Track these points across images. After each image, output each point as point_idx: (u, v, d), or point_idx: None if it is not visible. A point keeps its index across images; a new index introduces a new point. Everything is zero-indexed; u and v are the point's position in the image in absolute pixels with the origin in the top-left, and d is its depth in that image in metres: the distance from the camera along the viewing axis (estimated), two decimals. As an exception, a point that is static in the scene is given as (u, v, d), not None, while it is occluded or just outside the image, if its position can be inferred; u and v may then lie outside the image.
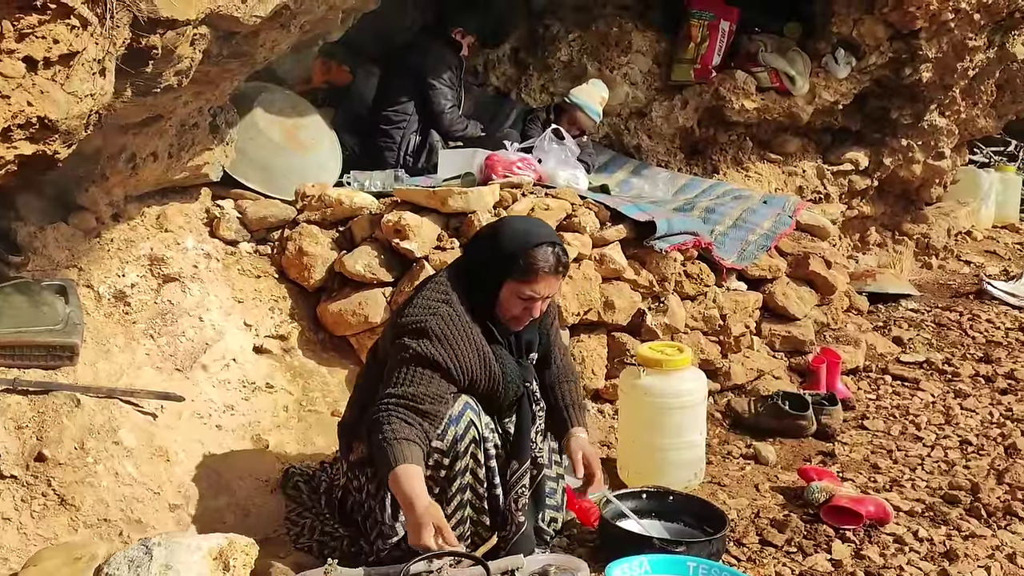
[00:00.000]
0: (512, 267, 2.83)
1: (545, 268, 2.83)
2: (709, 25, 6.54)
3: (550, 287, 2.89)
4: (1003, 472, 3.85)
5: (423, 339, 2.76)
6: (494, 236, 2.94)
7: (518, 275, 2.83)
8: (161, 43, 2.30)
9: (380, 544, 2.90)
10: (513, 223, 3.08)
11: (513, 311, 2.90)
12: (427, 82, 5.29)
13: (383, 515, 2.87)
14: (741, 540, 3.30)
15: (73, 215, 3.69)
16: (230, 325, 3.82)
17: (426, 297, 2.87)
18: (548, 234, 2.94)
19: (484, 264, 2.90)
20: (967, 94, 7.13)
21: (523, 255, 2.82)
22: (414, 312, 2.83)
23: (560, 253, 2.88)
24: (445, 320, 2.80)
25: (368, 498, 2.94)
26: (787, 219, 5.45)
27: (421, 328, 2.77)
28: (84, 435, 3.01)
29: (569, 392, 3.20)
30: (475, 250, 3.00)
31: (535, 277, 2.83)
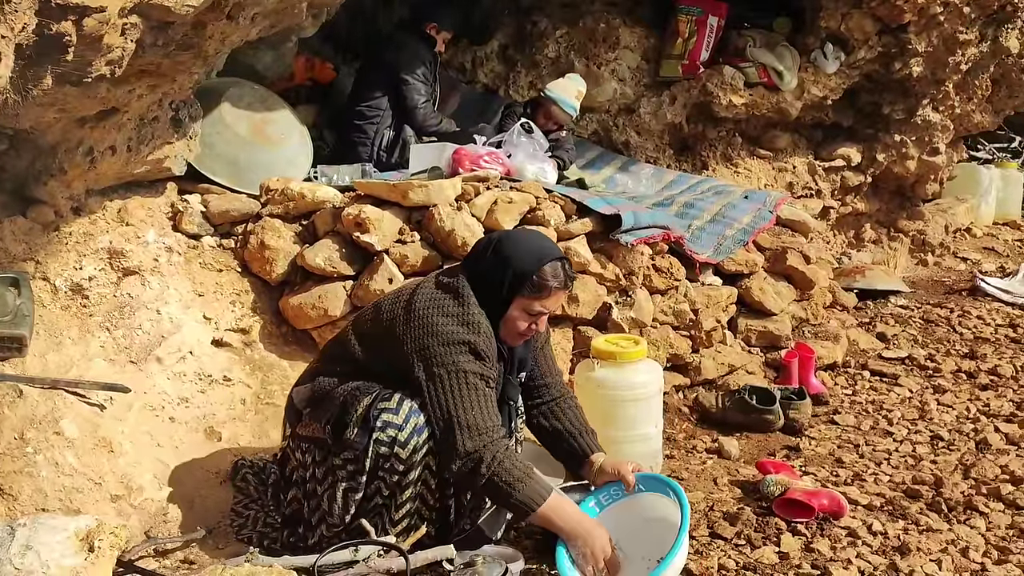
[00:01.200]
0: (524, 283, 2.87)
1: (556, 284, 2.89)
2: (697, 20, 6.53)
3: (558, 302, 2.99)
4: (970, 467, 3.80)
5: (480, 361, 2.79)
6: (503, 253, 2.93)
7: (530, 291, 2.87)
8: (75, 30, 2.31)
9: (324, 530, 2.91)
10: (520, 238, 3.10)
11: (519, 327, 2.93)
12: (401, 77, 5.29)
13: (331, 505, 2.86)
14: (691, 533, 3.26)
15: (31, 209, 3.70)
16: (188, 318, 3.83)
17: (468, 309, 2.84)
18: (555, 249, 3.01)
19: (495, 281, 2.90)
20: (961, 89, 7.05)
21: (536, 272, 2.86)
22: (460, 329, 2.80)
23: (568, 268, 2.96)
24: (487, 337, 2.83)
25: (313, 481, 2.94)
26: (767, 214, 5.41)
27: (476, 350, 2.78)
28: (25, 425, 3.02)
29: (579, 420, 3.22)
30: (482, 266, 2.95)
31: (547, 293, 2.88)
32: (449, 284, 2.92)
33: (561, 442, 3.18)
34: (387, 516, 2.84)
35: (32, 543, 1.95)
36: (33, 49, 2.27)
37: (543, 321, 2.98)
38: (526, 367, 3.13)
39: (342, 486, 2.84)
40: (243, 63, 4.90)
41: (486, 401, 2.76)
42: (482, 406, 2.74)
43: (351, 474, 2.82)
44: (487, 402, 2.76)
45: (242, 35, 3.62)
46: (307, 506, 2.97)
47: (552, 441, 3.22)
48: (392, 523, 2.83)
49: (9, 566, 1.93)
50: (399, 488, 2.82)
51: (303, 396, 3.03)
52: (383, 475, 2.80)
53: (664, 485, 2.96)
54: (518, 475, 2.70)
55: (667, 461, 3.85)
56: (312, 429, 2.94)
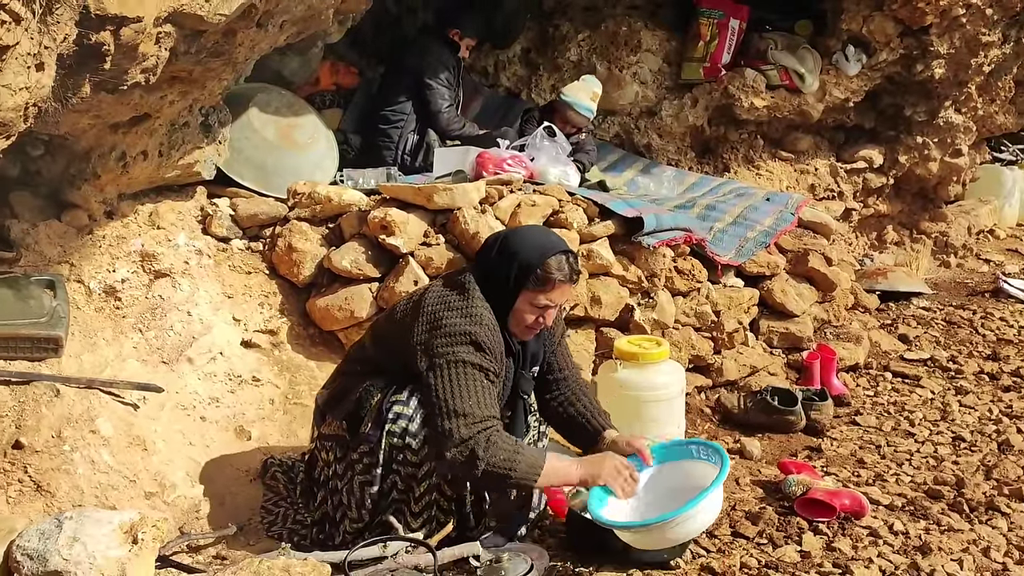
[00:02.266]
0: (528, 276, 2.91)
1: (560, 277, 2.92)
2: (719, 23, 6.55)
3: (564, 295, 3.00)
4: (992, 468, 3.81)
5: (480, 352, 2.83)
6: (509, 248, 2.98)
7: (534, 284, 2.91)
8: (113, 40, 2.38)
9: (347, 526, 2.98)
10: (525, 234, 3.15)
11: (527, 320, 2.97)
12: (424, 82, 5.34)
13: (350, 499, 2.95)
14: (713, 532, 3.30)
15: (66, 212, 3.79)
16: (218, 320, 3.91)
17: (471, 304, 2.90)
18: (560, 243, 3.04)
19: (501, 276, 2.95)
20: (984, 90, 7.03)
21: (541, 265, 2.90)
22: (462, 321, 2.85)
23: (573, 262, 2.99)
24: (490, 330, 2.87)
25: (335, 478, 3.02)
26: (789, 216, 5.44)
27: (477, 341, 2.82)
28: (62, 424, 3.09)
29: (592, 403, 3.28)
30: (490, 262, 3.01)
31: (551, 286, 2.92)
32: (456, 280, 3.00)
33: (575, 426, 3.24)
34: (407, 511, 2.90)
35: (79, 535, 2.03)
36: (73, 59, 2.34)
37: (550, 314, 3.00)
38: (539, 362, 3.17)
39: (358, 479, 2.92)
40: (270, 68, 4.97)
41: (483, 391, 2.79)
42: (479, 396, 2.77)
43: (366, 467, 2.90)
44: (484, 392, 2.79)
45: (271, 42, 3.70)
46: (331, 503, 3.04)
47: (567, 426, 3.28)
48: (413, 516, 2.89)
49: (58, 557, 2.01)
50: (415, 481, 2.88)
51: (325, 397, 3.12)
52: (397, 468, 2.88)
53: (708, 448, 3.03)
54: (510, 455, 2.72)
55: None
56: (333, 427, 3.03)
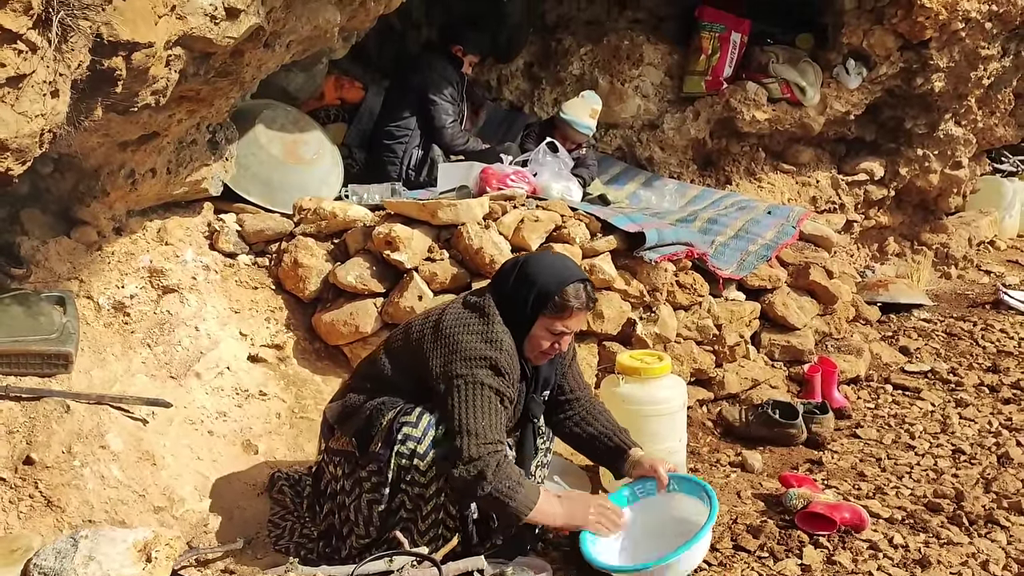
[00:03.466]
0: (547, 304, 2.96)
1: (577, 304, 2.98)
2: (720, 37, 6.61)
3: (580, 322, 3.07)
4: (991, 481, 3.84)
5: (499, 377, 2.88)
6: (528, 275, 3.03)
7: (552, 311, 2.97)
8: (125, 65, 2.43)
9: (353, 541, 3.01)
10: (544, 261, 3.18)
11: (542, 346, 3.02)
12: (428, 98, 5.40)
13: (357, 516, 2.98)
14: (715, 545, 3.33)
15: (75, 229, 3.85)
16: (225, 335, 3.95)
17: (492, 328, 2.95)
18: (578, 271, 3.10)
19: (519, 301, 3.00)
20: (983, 103, 7.09)
21: (559, 293, 2.96)
22: (483, 346, 2.90)
23: (590, 290, 3.05)
24: (509, 355, 2.93)
25: (342, 493, 3.05)
26: (790, 229, 5.48)
27: (496, 365, 2.87)
28: (72, 439, 3.14)
29: (611, 422, 3.33)
30: (506, 288, 3.05)
31: (569, 313, 2.98)
32: (475, 303, 3.03)
33: (598, 444, 3.29)
34: (415, 529, 2.93)
35: (94, 554, 2.07)
36: (86, 84, 2.40)
37: (565, 340, 3.07)
38: (550, 386, 3.23)
39: (366, 497, 2.95)
40: (275, 84, 5.03)
41: (496, 415, 2.85)
42: (491, 418, 2.83)
43: (375, 486, 2.94)
44: (497, 416, 2.85)
45: (277, 61, 3.75)
46: (338, 517, 3.07)
47: (589, 446, 3.32)
48: (420, 535, 2.93)
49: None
50: (423, 500, 2.91)
51: (335, 412, 3.14)
52: (405, 487, 2.91)
53: (698, 487, 3.09)
54: (514, 485, 2.79)
55: (691, 474, 3.92)
56: (342, 443, 3.05)
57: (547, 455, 3.30)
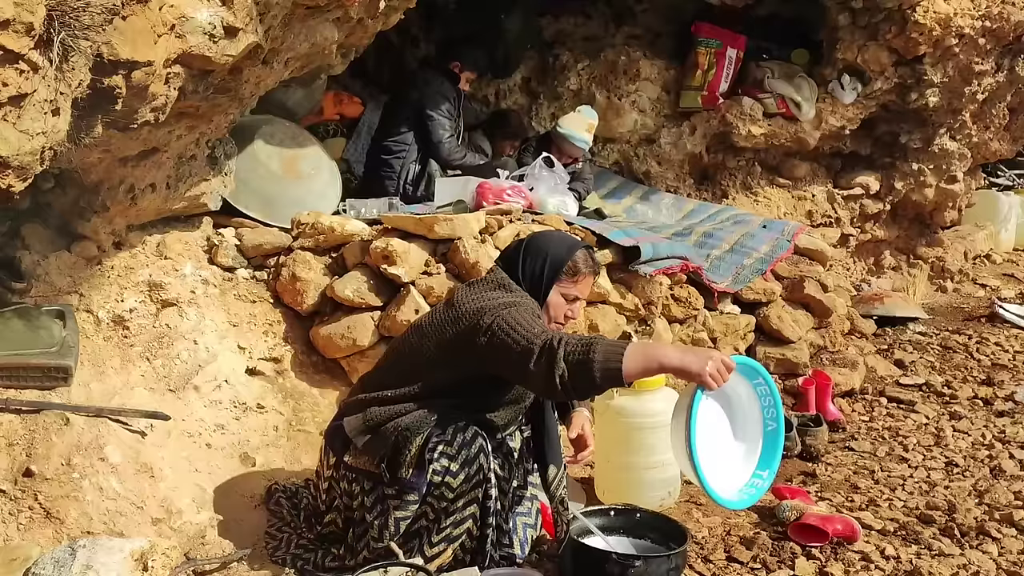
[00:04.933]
0: (561, 270, 3.08)
1: (587, 269, 3.13)
2: (716, 53, 6.69)
3: (589, 287, 3.21)
4: (984, 493, 3.87)
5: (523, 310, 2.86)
6: (537, 247, 3.14)
7: (568, 276, 3.09)
8: (125, 83, 2.48)
9: (367, 553, 2.98)
10: (548, 234, 3.35)
11: (559, 314, 3.12)
12: (426, 113, 5.45)
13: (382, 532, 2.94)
14: (709, 557, 3.37)
15: (76, 244, 3.87)
16: (224, 348, 3.99)
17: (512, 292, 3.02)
18: (577, 240, 3.29)
19: (533, 272, 3.09)
20: (978, 118, 7.14)
21: (570, 257, 3.09)
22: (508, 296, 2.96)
23: (594, 256, 3.22)
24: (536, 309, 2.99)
25: (362, 508, 3.03)
26: (785, 243, 5.53)
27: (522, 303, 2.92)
28: (71, 452, 3.17)
29: None
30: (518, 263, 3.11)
31: (581, 277, 3.11)
32: (489, 280, 3.11)
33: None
34: (427, 537, 2.94)
35: (92, 563, 2.10)
36: (86, 102, 2.44)
37: (577, 308, 3.18)
38: None
39: (394, 514, 2.93)
40: (274, 100, 5.07)
41: (534, 317, 2.84)
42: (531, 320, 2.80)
43: (404, 503, 2.93)
44: (535, 318, 2.84)
45: (276, 78, 3.80)
46: (353, 532, 3.07)
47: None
48: (430, 545, 2.93)
49: (72, 585, 2.09)
50: (445, 515, 2.92)
51: (355, 426, 3.05)
52: (431, 501, 2.92)
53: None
54: (585, 343, 2.61)
55: (685, 487, 3.95)
56: (364, 461, 3.02)
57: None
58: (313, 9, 3.53)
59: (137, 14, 2.52)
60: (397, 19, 4.32)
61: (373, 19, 4.07)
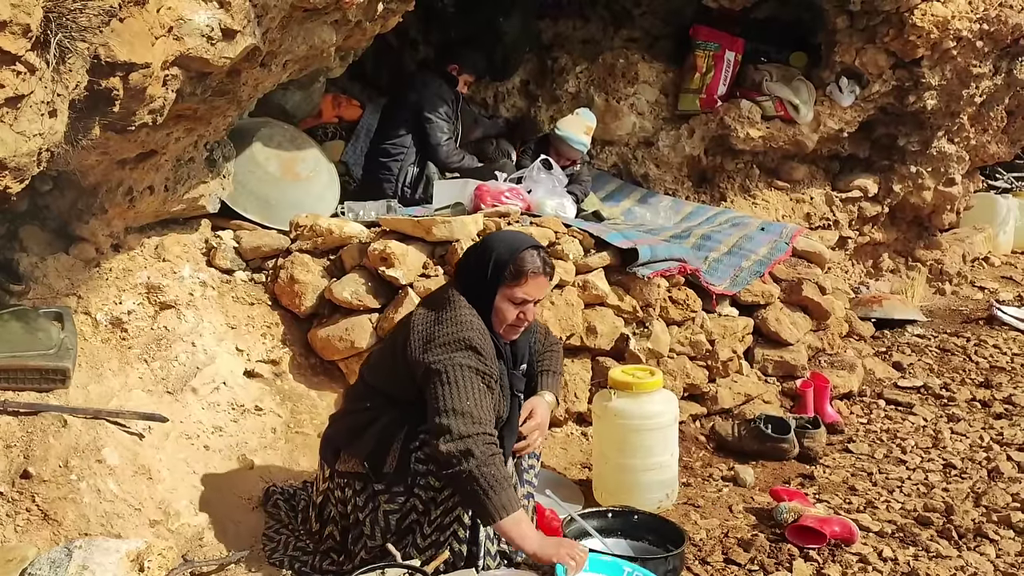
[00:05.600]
0: (504, 273, 2.99)
1: (533, 269, 3.00)
2: (714, 56, 6.68)
3: (539, 289, 3.05)
4: (981, 495, 3.87)
5: (473, 353, 2.86)
6: (483, 250, 3.09)
7: (510, 279, 2.99)
8: (122, 85, 2.48)
9: (364, 553, 3.01)
10: (497, 235, 3.25)
11: (508, 318, 3.03)
12: (424, 115, 5.45)
13: (374, 528, 2.97)
14: (706, 559, 3.38)
15: (74, 246, 3.88)
16: (222, 350, 3.99)
17: (458, 313, 2.96)
18: (531, 239, 3.14)
19: (479, 277, 3.04)
20: (976, 120, 7.14)
21: (512, 260, 3.00)
22: (454, 329, 2.91)
23: (545, 256, 3.08)
24: (481, 333, 2.94)
25: (355, 511, 3.05)
26: (783, 245, 5.52)
27: (469, 344, 2.87)
28: (69, 454, 3.17)
29: (547, 360, 3.37)
30: (468, 267, 3.12)
31: (525, 279, 3.00)
32: (436, 296, 3.11)
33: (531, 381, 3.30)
34: (419, 531, 2.94)
35: (88, 564, 2.10)
36: (84, 103, 2.44)
37: (530, 310, 3.06)
38: (526, 359, 3.24)
39: (384, 508, 2.96)
40: (273, 102, 5.09)
41: (481, 396, 2.82)
42: (477, 399, 2.79)
43: (392, 496, 2.96)
44: (482, 397, 2.82)
45: (274, 80, 3.81)
46: (350, 537, 3.08)
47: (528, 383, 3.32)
48: (423, 536, 2.93)
49: (68, 585, 2.09)
50: (433, 503, 2.93)
51: (340, 434, 3.13)
52: (419, 492, 2.93)
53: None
54: (500, 480, 2.71)
55: (684, 488, 3.96)
56: (351, 464, 3.05)
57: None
58: (311, 11, 3.54)
59: (135, 16, 2.53)
60: (395, 22, 4.32)
61: (371, 21, 4.07)
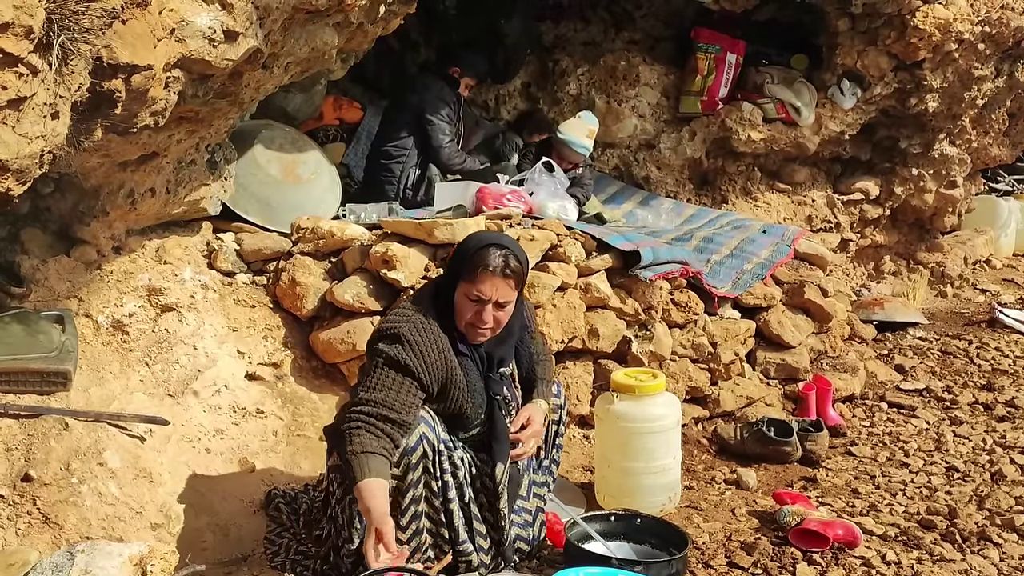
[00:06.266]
0: (462, 268, 2.93)
1: (490, 267, 2.89)
2: (716, 58, 6.68)
3: (496, 289, 2.91)
4: (984, 498, 3.86)
5: (396, 344, 2.86)
6: (460, 246, 3.07)
7: (466, 275, 2.92)
8: (124, 87, 2.47)
9: (346, 551, 2.97)
10: (476, 234, 3.19)
11: (466, 315, 2.95)
12: (425, 118, 5.45)
13: (344, 519, 2.96)
14: (709, 562, 3.36)
15: (75, 248, 3.88)
16: (223, 353, 3.98)
17: (402, 307, 3.00)
18: (502, 239, 3.04)
19: (448, 274, 3.02)
20: (977, 123, 7.13)
21: (472, 255, 2.93)
22: (390, 320, 2.96)
23: (508, 256, 2.93)
24: (416, 327, 2.89)
25: (336, 503, 3.04)
26: (785, 248, 5.52)
27: (394, 333, 2.87)
28: (70, 457, 3.16)
29: (540, 369, 3.33)
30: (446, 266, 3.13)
31: (478, 276, 2.89)
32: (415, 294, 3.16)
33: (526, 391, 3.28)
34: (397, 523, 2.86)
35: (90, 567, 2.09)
36: (86, 105, 2.44)
37: (488, 311, 2.93)
38: (507, 364, 3.18)
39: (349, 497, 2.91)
40: (274, 105, 5.08)
41: (385, 380, 2.84)
42: (377, 384, 2.84)
43: None
44: (385, 381, 2.84)
45: (276, 82, 3.80)
46: (334, 532, 3.06)
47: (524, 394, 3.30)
48: (402, 530, 2.90)
49: (70, 589, 2.08)
50: (400, 494, 2.89)
51: (331, 432, 3.13)
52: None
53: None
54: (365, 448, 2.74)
55: (686, 492, 3.95)
56: (335, 458, 3.05)
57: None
58: (313, 13, 3.53)
59: (137, 18, 2.52)
60: (397, 24, 4.32)
61: (373, 24, 4.07)
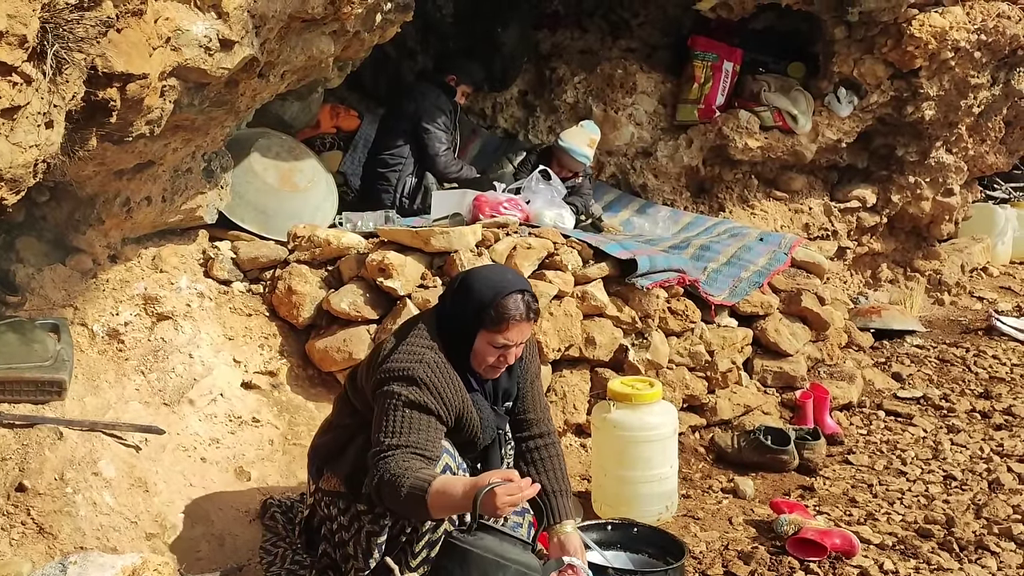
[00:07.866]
0: (484, 318, 2.89)
1: (516, 316, 2.88)
2: (713, 66, 6.69)
3: (522, 334, 2.94)
4: (982, 507, 3.86)
5: (413, 386, 2.80)
6: (466, 289, 2.98)
7: (490, 325, 2.88)
8: (119, 96, 2.47)
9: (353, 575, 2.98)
10: (482, 274, 3.09)
11: (488, 360, 2.94)
12: (422, 126, 5.45)
13: (356, 549, 2.95)
14: (707, 572, 3.36)
15: (71, 257, 3.87)
16: (219, 361, 3.97)
17: (412, 344, 2.92)
18: (516, 281, 3.00)
19: (458, 316, 2.95)
20: (974, 131, 7.14)
21: (494, 306, 2.87)
22: (402, 359, 2.86)
23: (530, 300, 2.93)
24: (431, 367, 2.85)
25: (340, 530, 3.03)
26: (782, 256, 5.52)
27: (410, 376, 2.81)
28: (65, 466, 3.15)
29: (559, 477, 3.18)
30: (449, 303, 3.03)
31: (507, 326, 2.88)
32: (405, 325, 3.06)
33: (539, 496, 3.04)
34: (409, 551, 2.91)
35: (83, 579, 2.08)
36: (80, 114, 2.43)
37: (511, 353, 2.95)
38: (511, 397, 3.16)
39: (366, 530, 2.93)
40: (271, 113, 5.08)
41: (409, 423, 2.76)
42: (402, 428, 2.75)
43: (375, 517, 2.91)
44: (410, 423, 2.76)
45: (272, 91, 3.80)
46: (338, 554, 3.06)
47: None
48: (413, 556, 2.91)
49: (62, 601, 2.07)
50: (420, 523, 2.89)
51: (323, 452, 3.12)
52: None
53: None
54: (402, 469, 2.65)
55: (683, 501, 3.94)
56: (333, 484, 3.04)
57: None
58: (309, 22, 3.54)
59: (132, 27, 2.52)
60: (394, 32, 4.33)
61: (370, 32, 4.07)
